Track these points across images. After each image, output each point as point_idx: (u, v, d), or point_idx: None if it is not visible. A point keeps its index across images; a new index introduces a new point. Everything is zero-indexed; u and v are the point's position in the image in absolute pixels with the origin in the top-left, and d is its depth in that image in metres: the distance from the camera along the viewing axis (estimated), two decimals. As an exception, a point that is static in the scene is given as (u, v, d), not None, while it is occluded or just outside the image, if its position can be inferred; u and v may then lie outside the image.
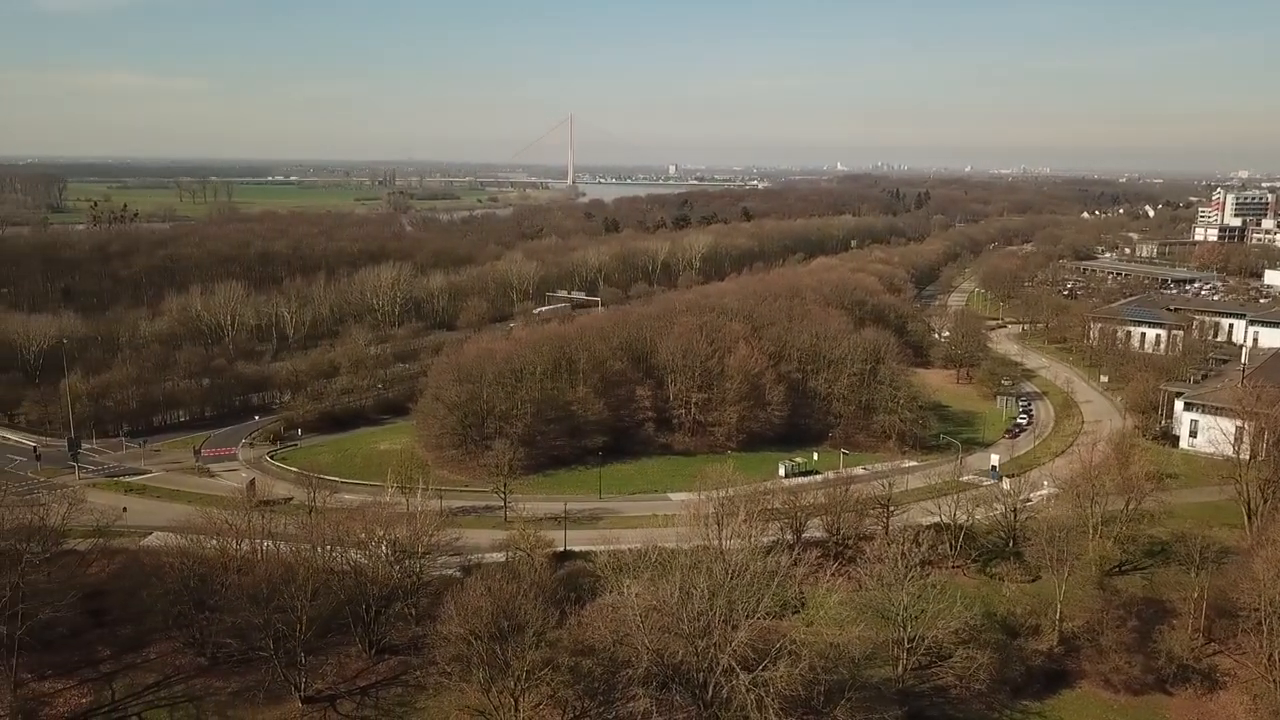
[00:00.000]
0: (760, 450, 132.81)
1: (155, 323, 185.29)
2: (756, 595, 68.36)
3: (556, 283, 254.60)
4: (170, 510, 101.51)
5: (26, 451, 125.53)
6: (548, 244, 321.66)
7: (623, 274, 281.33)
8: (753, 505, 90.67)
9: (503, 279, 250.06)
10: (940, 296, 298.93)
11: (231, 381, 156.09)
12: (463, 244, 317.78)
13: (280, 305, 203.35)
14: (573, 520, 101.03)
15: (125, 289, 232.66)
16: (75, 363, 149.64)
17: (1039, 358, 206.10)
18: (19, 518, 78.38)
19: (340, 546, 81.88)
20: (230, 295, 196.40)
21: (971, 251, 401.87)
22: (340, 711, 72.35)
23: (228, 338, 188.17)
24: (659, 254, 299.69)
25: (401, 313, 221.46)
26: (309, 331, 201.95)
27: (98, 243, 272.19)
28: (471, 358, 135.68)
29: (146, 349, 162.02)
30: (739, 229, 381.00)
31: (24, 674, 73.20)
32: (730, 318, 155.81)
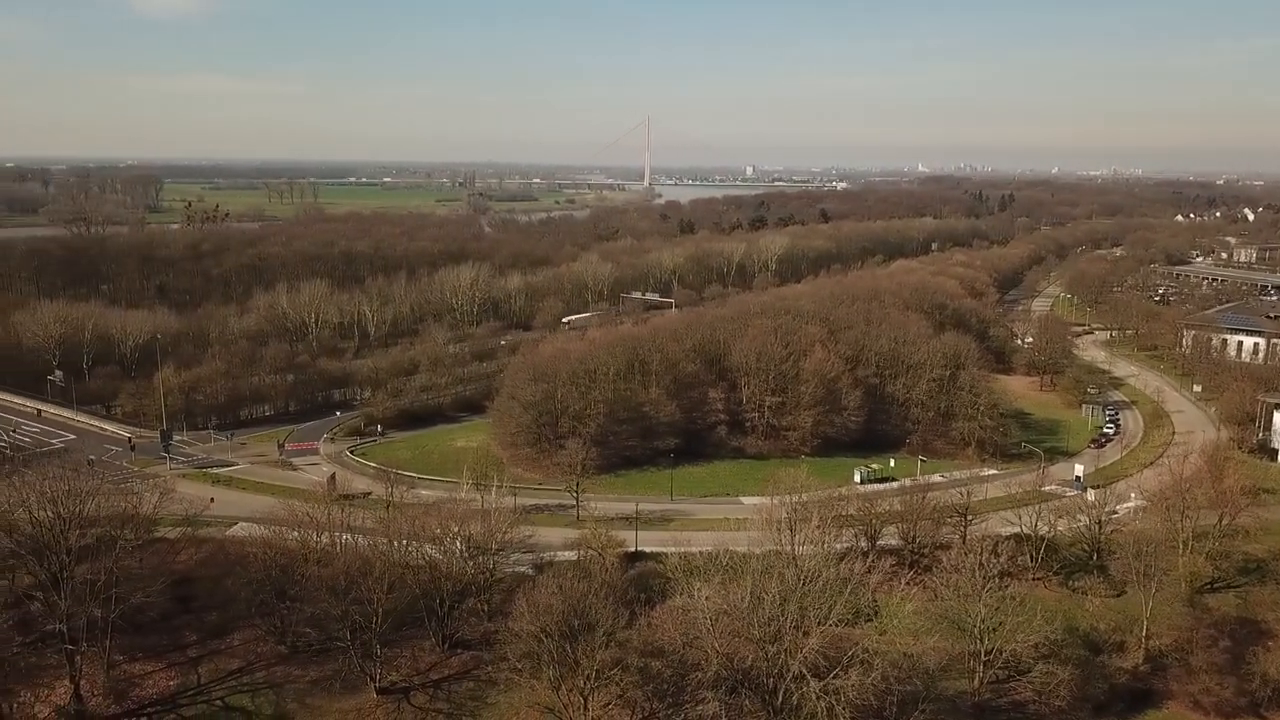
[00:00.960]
0: (835, 456, 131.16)
1: (243, 319, 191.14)
2: (829, 602, 67.45)
3: (631, 284, 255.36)
4: (255, 502, 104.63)
5: (122, 442, 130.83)
6: (623, 245, 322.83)
7: (697, 275, 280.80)
8: (826, 511, 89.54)
9: (578, 280, 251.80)
10: (1024, 301, 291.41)
11: (315, 378, 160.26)
12: (540, 245, 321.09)
13: (362, 304, 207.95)
14: (644, 521, 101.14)
15: (216, 286, 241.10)
16: (168, 357, 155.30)
17: (1128, 365, 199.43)
18: (114, 505, 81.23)
19: (416, 541, 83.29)
20: (315, 293, 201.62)
21: (1057, 255, 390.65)
22: (414, 704, 73.60)
23: (312, 335, 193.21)
24: (734, 255, 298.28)
25: (479, 312, 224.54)
26: (390, 330, 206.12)
27: (191, 242, 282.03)
28: (546, 357, 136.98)
29: (235, 345, 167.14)
30: (816, 230, 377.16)
31: (116, 655, 76.29)
32: (806, 320, 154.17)
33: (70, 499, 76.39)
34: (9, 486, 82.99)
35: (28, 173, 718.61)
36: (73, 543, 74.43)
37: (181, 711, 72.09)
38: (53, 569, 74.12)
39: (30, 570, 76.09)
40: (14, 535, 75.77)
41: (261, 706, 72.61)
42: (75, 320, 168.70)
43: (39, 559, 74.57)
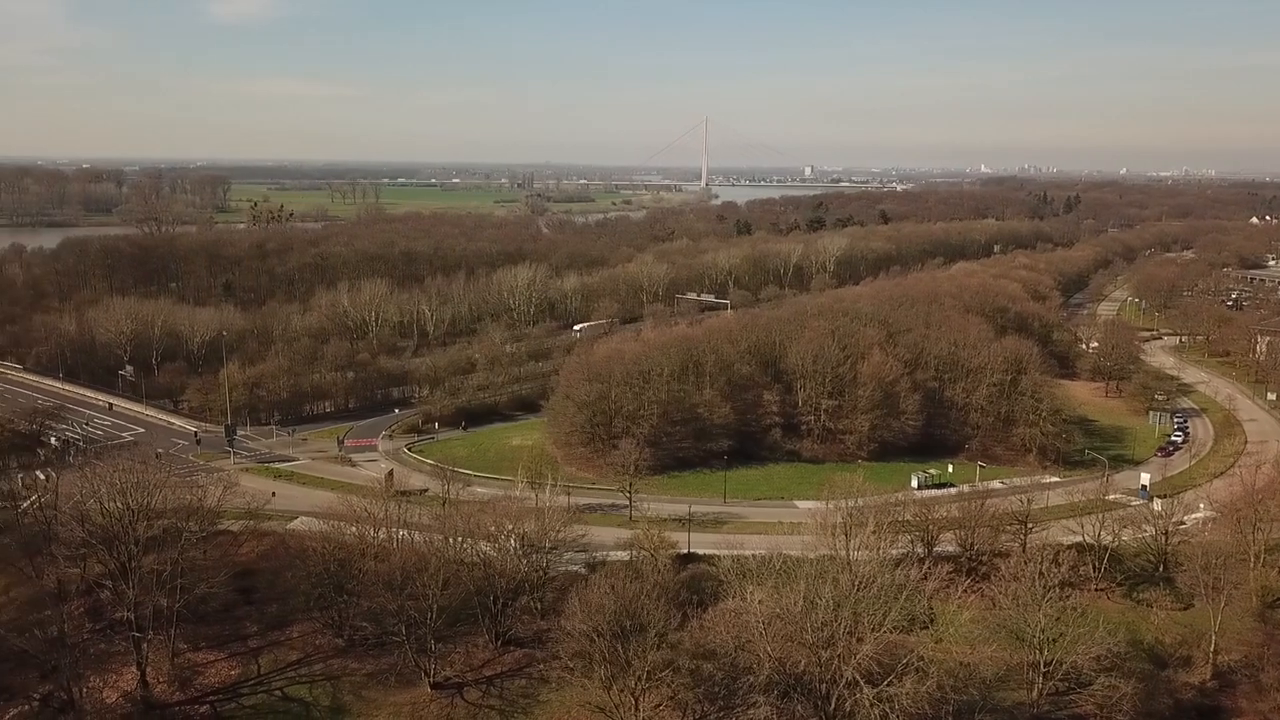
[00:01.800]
0: (892, 460, 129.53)
1: (306, 317, 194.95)
2: (883, 608, 66.62)
3: (686, 285, 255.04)
4: (314, 497, 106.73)
5: (188, 436, 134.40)
6: (679, 246, 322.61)
7: (753, 277, 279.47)
8: (883, 516, 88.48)
9: (633, 281, 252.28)
10: (1089, 305, 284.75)
11: (374, 375, 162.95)
12: (596, 246, 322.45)
13: (422, 303, 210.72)
14: (697, 523, 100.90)
15: (280, 285, 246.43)
16: (233, 354, 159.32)
17: (1198, 372, 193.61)
18: (181, 498, 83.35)
19: (471, 538, 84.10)
20: (375, 292, 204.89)
21: (1125, 258, 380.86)
22: (467, 699, 74.31)
23: (372, 333, 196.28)
24: (791, 257, 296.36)
25: (536, 312, 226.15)
26: (448, 329, 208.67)
27: (256, 241, 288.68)
28: (601, 358, 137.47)
29: (297, 342, 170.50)
30: (875, 232, 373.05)
31: (181, 644, 78.32)
32: (864, 323, 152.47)
33: (139, 491, 78.75)
34: (81, 478, 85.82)
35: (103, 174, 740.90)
36: (141, 533, 76.67)
37: (242, 701, 73.72)
38: (121, 558, 76.44)
39: (100, 559, 78.54)
40: (86, 525, 78.22)
41: (319, 698, 73.93)
42: (145, 317, 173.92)
43: (109, 548, 76.94)
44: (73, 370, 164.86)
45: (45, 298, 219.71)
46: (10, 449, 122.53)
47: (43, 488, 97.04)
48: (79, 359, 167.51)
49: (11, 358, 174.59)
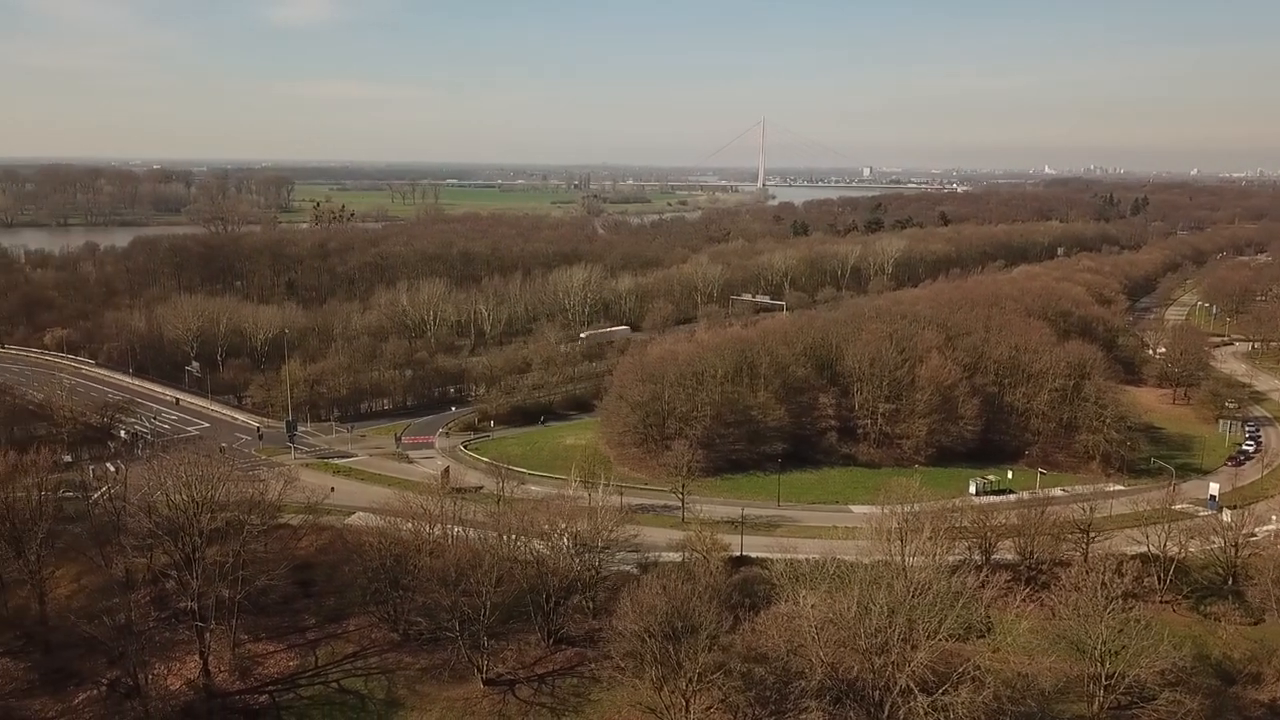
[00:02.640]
0: (950, 466, 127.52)
1: (366, 316, 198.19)
2: (939, 616, 65.55)
3: (741, 286, 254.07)
4: (372, 492, 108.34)
5: (250, 431, 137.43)
6: (734, 247, 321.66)
7: (810, 278, 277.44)
8: (939, 522, 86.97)
9: (688, 282, 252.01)
10: (1156, 310, 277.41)
11: (431, 373, 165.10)
12: (651, 247, 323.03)
13: (479, 303, 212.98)
14: (750, 526, 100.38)
15: (341, 284, 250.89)
16: (295, 351, 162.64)
17: (1271, 379, 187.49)
18: (243, 491, 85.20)
19: (524, 536, 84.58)
20: (434, 292, 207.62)
21: (1194, 262, 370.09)
22: (519, 696, 74.80)
23: (430, 332, 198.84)
24: (849, 258, 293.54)
25: (591, 313, 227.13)
26: (504, 329, 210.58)
27: (318, 241, 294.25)
28: (655, 358, 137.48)
29: (357, 340, 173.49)
30: (935, 234, 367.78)
31: (241, 635, 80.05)
32: (922, 326, 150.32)
33: (203, 484, 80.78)
34: (149, 470, 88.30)
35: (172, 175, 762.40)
36: (204, 525, 78.65)
37: (300, 691, 75.12)
38: (186, 549, 78.49)
39: (166, 550, 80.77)
40: (153, 516, 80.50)
41: (374, 691, 75.02)
42: (211, 314, 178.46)
43: (174, 539, 79.09)
44: (142, 366, 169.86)
45: (116, 295, 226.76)
46: (82, 441, 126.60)
47: (112, 479, 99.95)
48: (148, 355, 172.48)
49: (84, 353, 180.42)
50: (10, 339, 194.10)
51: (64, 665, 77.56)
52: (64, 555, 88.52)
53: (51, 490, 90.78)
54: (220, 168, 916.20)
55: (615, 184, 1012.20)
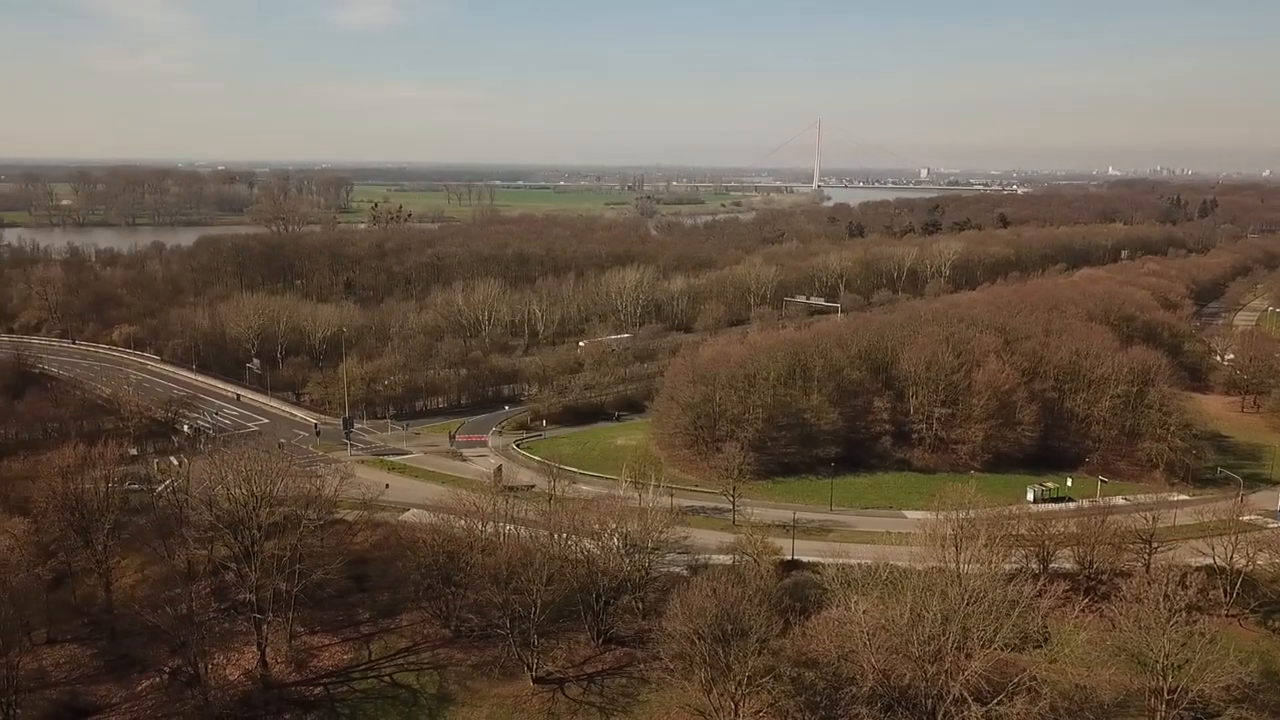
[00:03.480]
0: (1007, 472, 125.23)
1: (422, 315, 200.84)
2: (994, 624, 64.44)
3: (795, 288, 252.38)
4: (426, 489, 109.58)
5: (308, 428, 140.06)
6: (788, 248, 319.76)
7: (865, 280, 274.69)
8: (995, 529, 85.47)
9: (741, 283, 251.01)
10: (1224, 315, 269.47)
11: (485, 373, 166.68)
12: (704, 248, 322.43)
13: (532, 303, 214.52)
14: (801, 529, 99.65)
15: (398, 283, 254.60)
16: (352, 349, 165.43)
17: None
18: (300, 487, 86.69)
19: (575, 536, 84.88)
20: (488, 292, 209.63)
21: (1266, 265, 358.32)
22: (568, 695, 75.11)
23: (484, 332, 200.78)
24: (905, 260, 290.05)
25: (643, 314, 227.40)
26: (557, 329, 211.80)
27: (376, 241, 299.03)
28: (706, 360, 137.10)
29: (413, 339, 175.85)
30: (994, 236, 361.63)
31: (298, 627, 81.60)
32: (980, 330, 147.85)
33: (262, 479, 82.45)
34: (210, 465, 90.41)
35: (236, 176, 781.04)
36: (263, 519, 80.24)
37: (354, 685, 76.27)
38: (245, 543, 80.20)
39: (226, 543, 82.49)
40: (214, 509, 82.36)
41: (426, 686, 75.90)
42: (272, 312, 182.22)
43: (234, 533, 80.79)
44: (205, 362, 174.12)
45: (181, 293, 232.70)
46: (148, 435, 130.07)
47: (176, 473, 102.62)
48: (210, 351, 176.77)
49: (150, 349, 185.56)
50: (81, 335, 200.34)
51: (128, 653, 79.77)
52: (129, 546, 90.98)
53: (118, 482, 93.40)
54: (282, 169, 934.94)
55: (669, 185, 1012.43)
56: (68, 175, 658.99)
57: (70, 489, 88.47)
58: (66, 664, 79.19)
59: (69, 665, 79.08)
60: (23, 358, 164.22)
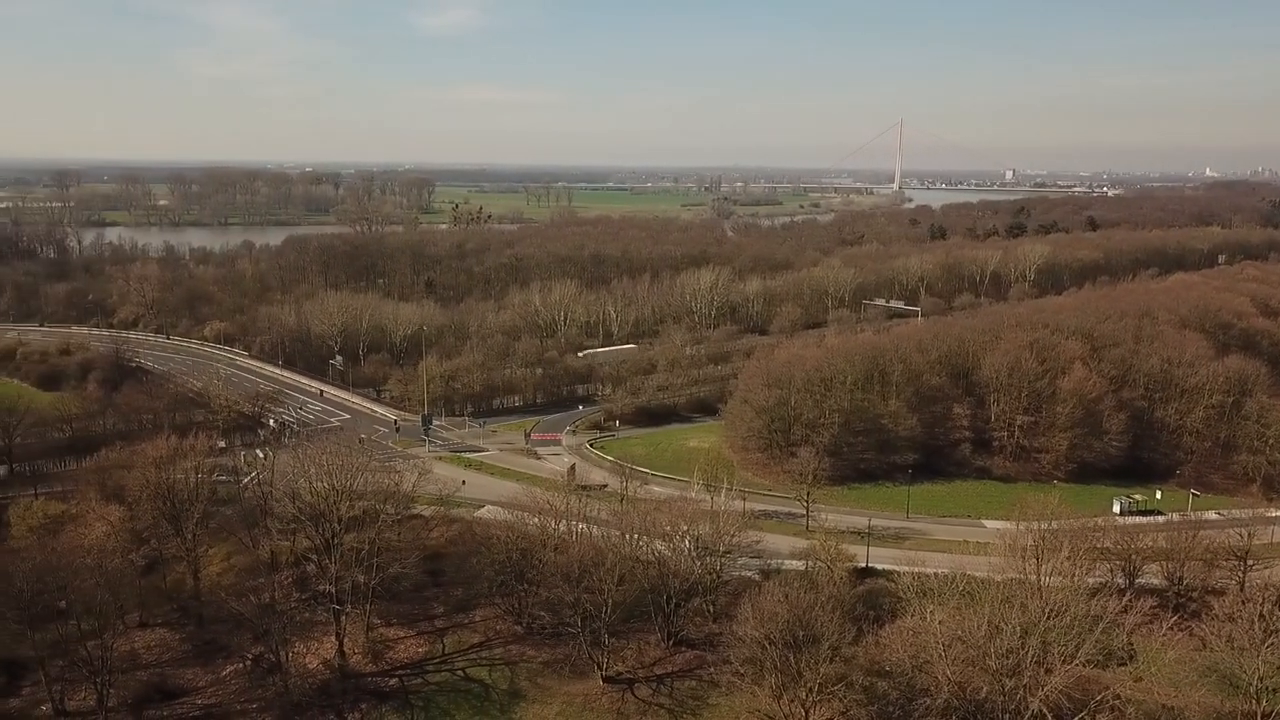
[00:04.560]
0: (1092, 483, 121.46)
1: (500, 315, 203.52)
2: (1076, 639, 62.60)
3: (874, 291, 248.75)
4: (501, 487, 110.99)
5: (388, 424, 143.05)
6: (868, 250, 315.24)
7: (947, 284, 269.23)
8: (1079, 541, 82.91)
9: (818, 285, 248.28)
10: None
11: (561, 372, 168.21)
12: (781, 250, 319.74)
13: (608, 304, 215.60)
14: (876, 536, 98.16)
15: (477, 283, 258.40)
16: (432, 348, 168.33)
17: None
18: (380, 482, 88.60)
19: (647, 537, 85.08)
20: (565, 293, 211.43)
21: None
22: (637, 695, 75.19)
23: (560, 332, 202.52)
24: (988, 264, 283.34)
25: (717, 315, 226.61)
26: (631, 330, 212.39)
27: (456, 241, 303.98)
28: (782, 363, 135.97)
29: (491, 339, 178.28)
30: (1082, 239, 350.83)
31: (375, 619, 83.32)
32: (1066, 335, 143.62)
33: (343, 473, 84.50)
34: (294, 458, 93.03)
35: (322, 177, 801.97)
36: (343, 513, 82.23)
37: (428, 677, 77.61)
38: (326, 535, 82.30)
39: (308, 535, 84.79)
40: (296, 502, 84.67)
41: (497, 681, 76.82)
42: (355, 310, 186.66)
43: (315, 525, 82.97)
44: (290, 358, 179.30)
45: (269, 290, 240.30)
46: (235, 428, 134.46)
47: (261, 465, 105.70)
48: (296, 347, 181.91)
49: (239, 345, 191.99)
50: (175, 330, 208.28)
51: (214, 638, 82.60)
52: (216, 535, 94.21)
53: (207, 474, 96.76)
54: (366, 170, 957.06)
55: (746, 186, 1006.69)
56: (165, 176, 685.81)
57: (163, 479, 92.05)
58: (157, 647, 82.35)
59: (159, 648, 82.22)
60: (121, 352, 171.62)
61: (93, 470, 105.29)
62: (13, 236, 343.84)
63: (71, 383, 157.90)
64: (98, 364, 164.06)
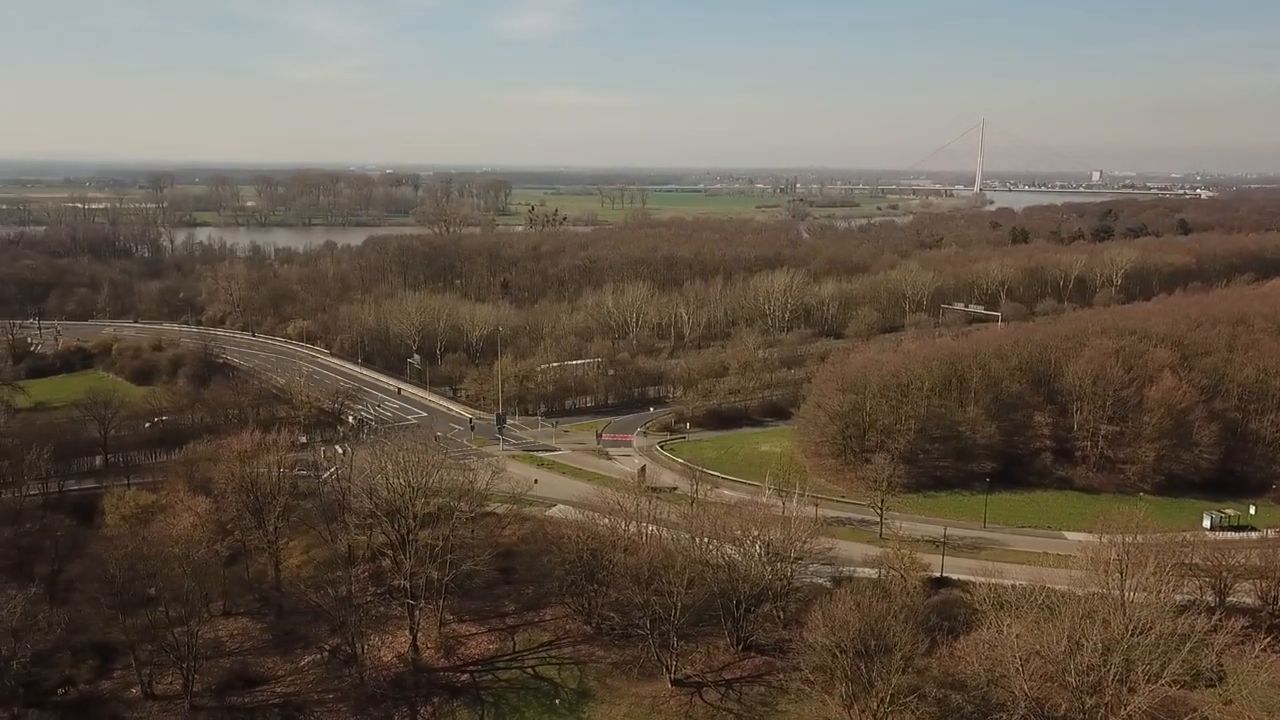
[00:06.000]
0: (1180, 496, 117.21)
1: (573, 316, 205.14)
2: (1162, 658, 60.53)
3: (953, 295, 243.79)
4: (572, 486, 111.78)
5: (463, 422, 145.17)
6: (946, 254, 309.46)
7: (1029, 288, 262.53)
8: (1167, 556, 80.00)
9: (895, 289, 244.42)
10: None
11: (632, 374, 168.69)
12: (857, 252, 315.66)
13: (679, 306, 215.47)
14: (951, 546, 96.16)
15: (551, 285, 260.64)
16: (507, 348, 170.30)
17: None
18: (454, 479, 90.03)
19: (717, 540, 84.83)
20: (637, 294, 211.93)
21: None
22: (705, 699, 74.94)
23: (632, 333, 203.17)
24: (1073, 268, 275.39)
25: (791, 318, 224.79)
26: (703, 332, 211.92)
27: (532, 243, 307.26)
28: (857, 367, 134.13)
29: (564, 340, 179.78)
30: (1173, 243, 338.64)
31: (447, 615, 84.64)
32: (1154, 343, 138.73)
33: (419, 470, 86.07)
34: (372, 455, 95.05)
35: (402, 179, 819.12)
36: (418, 509, 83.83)
37: (498, 674, 78.54)
38: (401, 531, 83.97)
39: (384, 530, 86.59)
40: (373, 498, 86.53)
41: (566, 680, 77.34)
42: (433, 311, 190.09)
43: (391, 521, 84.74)
44: (369, 356, 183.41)
45: (350, 290, 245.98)
46: (316, 424, 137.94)
47: (340, 461, 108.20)
48: (375, 346, 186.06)
49: (320, 343, 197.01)
50: (260, 328, 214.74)
51: (293, 629, 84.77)
52: (296, 528, 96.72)
53: (288, 468, 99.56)
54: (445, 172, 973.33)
55: (822, 187, 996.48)
56: (252, 178, 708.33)
57: (247, 472, 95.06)
58: (239, 635, 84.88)
59: (241, 637, 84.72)
60: (209, 348, 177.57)
61: (181, 462, 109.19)
62: (110, 236, 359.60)
63: (163, 378, 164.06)
64: (187, 360, 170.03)
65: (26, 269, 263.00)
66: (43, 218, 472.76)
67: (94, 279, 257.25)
